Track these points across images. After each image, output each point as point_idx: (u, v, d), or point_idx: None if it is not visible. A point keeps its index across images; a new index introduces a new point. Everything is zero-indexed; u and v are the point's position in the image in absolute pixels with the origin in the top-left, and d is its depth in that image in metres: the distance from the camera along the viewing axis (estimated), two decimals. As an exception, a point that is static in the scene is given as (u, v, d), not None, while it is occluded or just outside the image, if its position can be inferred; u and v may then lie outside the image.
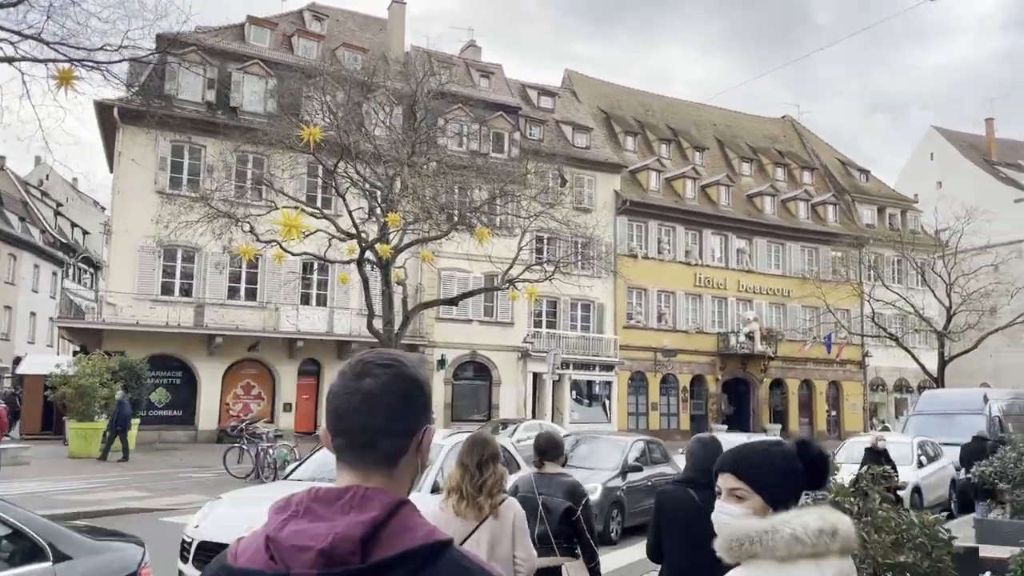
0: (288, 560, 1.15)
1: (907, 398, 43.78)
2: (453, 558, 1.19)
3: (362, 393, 1.27)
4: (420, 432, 1.32)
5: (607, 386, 35.75)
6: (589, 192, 36.27)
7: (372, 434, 1.26)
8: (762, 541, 1.65)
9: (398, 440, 1.28)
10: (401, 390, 1.29)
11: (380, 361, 1.31)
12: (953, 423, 17.24)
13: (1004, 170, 50.01)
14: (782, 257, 41.32)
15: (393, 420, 1.27)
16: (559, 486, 4.26)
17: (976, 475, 7.41)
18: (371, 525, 1.15)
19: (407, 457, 1.29)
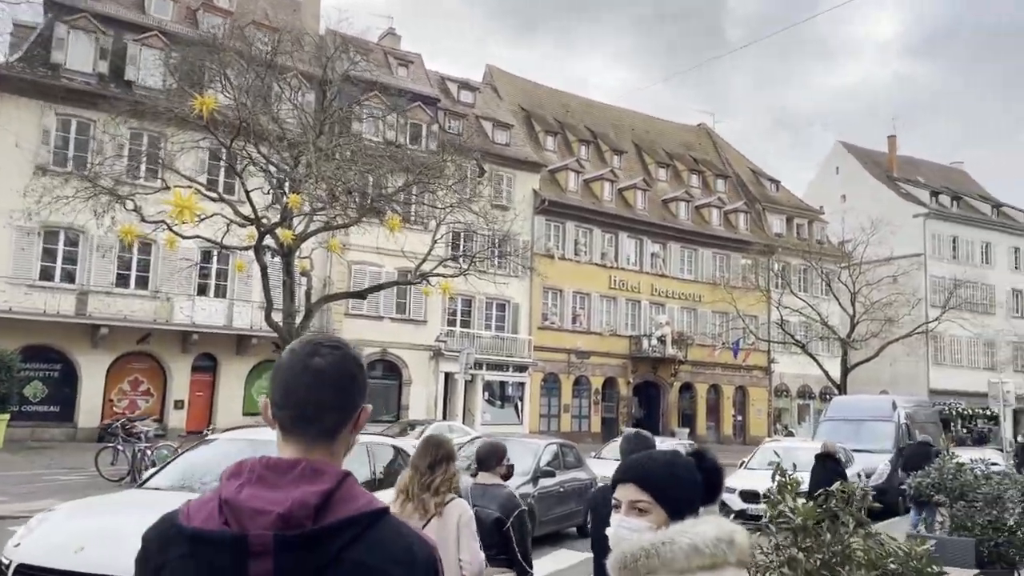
0: (245, 522, 1.25)
1: (809, 404, 44.97)
2: (391, 524, 1.33)
3: (312, 370, 1.39)
4: (358, 410, 1.44)
5: (520, 387, 35.17)
6: (508, 190, 35.62)
7: (319, 408, 1.38)
8: (660, 554, 1.57)
9: (340, 415, 1.40)
10: (347, 370, 1.42)
11: (328, 343, 1.44)
12: (863, 429, 17.30)
13: (904, 186, 52.12)
14: (695, 262, 41.73)
15: (338, 396, 1.40)
16: (493, 497, 4.21)
17: (912, 486, 7.01)
18: (324, 495, 1.27)
19: (345, 432, 1.42)
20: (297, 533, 1.23)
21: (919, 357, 41.54)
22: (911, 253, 44.37)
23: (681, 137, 49.00)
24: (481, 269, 26.42)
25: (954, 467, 6.59)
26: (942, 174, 57.38)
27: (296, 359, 1.40)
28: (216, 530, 1.25)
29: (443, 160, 20.33)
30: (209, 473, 6.39)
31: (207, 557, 1.25)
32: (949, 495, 6.24)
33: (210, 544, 1.25)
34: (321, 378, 1.38)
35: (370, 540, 1.28)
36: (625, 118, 47.20)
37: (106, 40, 27.21)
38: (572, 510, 12.33)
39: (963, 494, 6.19)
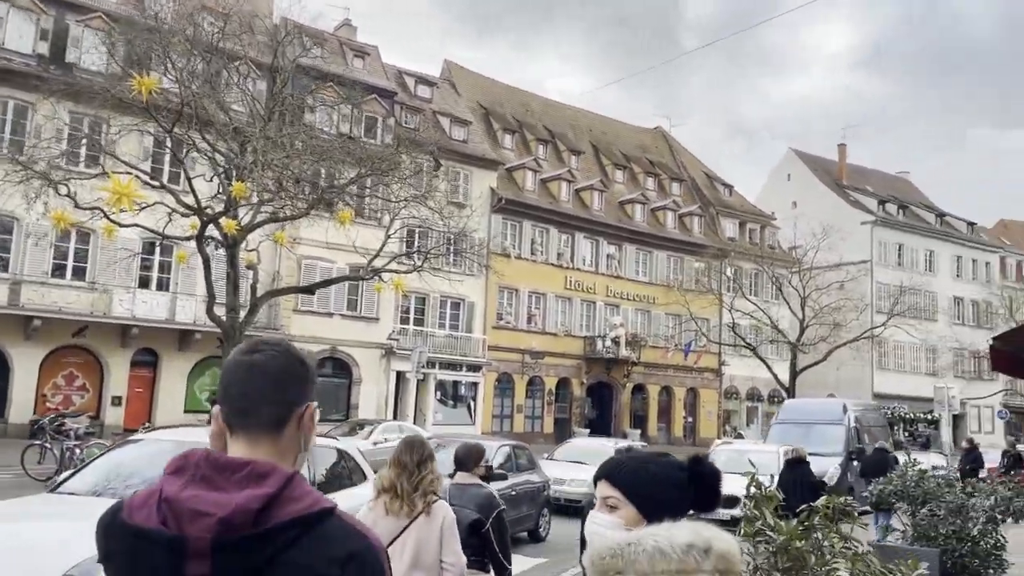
0: (184, 523, 1.25)
1: (758, 406, 45.50)
2: (335, 524, 1.32)
3: (249, 365, 1.42)
4: (301, 407, 1.43)
5: (473, 387, 34.78)
6: (464, 187, 35.19)
7: (253, 400, 1.40)
8: (624, 555, 1.51)
9: (278, 408, 1.40)
10: (283, 364, 1.42)
11: (270, 341, 1.47)
12: (813, 432, 17.32)
13: (853, 194, 53.12)
14: (649, 264, 41.85)
15: (273, 388, 1.40)
16: (472, 498, 4.15)
17: (874, 494, 6.86)
18: (266, 499, 1.26)
19: (289, 429, 1.41)
20: (236, 536, 1.24)
21: (865, 362, 42.29)
22: (859, 260, 45.22)
23: (638, 139, 49.15)
24: (435, 267, 26.01)
25: (917, 474, 6.45)
26: (889, 183, 58.68)
27: (237, 357, 1.45)
28: (155, 528, 1.25)
29: (397, 151, 19.80)
30: (131, 477, 5.90)
31: (145, 554, 1.27)
32: (912, 503, 6.08)
33: (149, 542, 1.26)
34: (256, 372, 1.41)
35: (310, 541, 1.28)
36: (583, 119, 47.16)
37: (47, 20, 26.04)
38: (524, 514, 12.02)
39: (926, 502, 6.04)
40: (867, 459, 12.89)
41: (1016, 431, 50.70)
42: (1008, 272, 56.40)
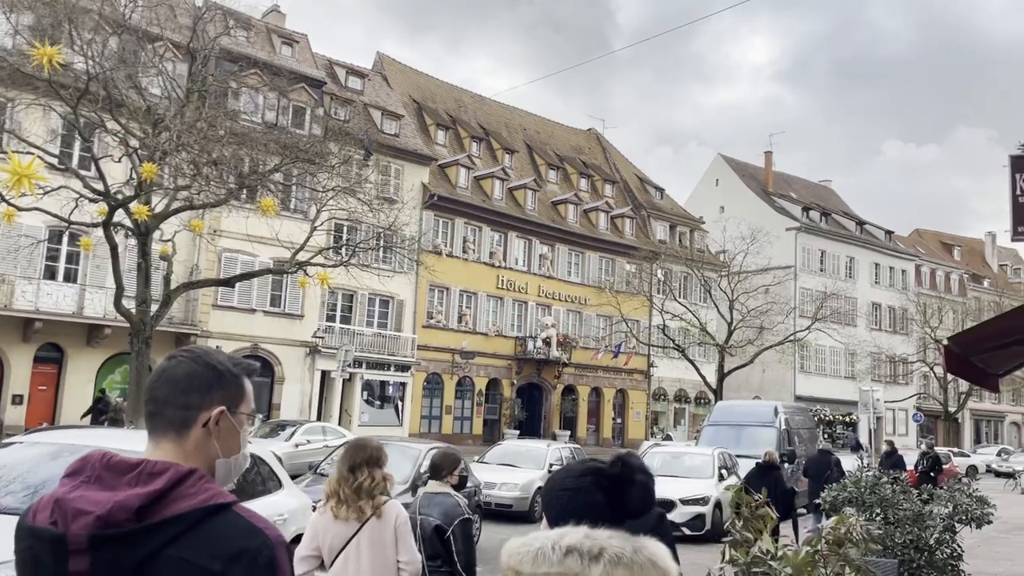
0: (68, 522, 1.29)
1: (685, 408, 45.98)
2: (227, 519, 1.32)
3: (161, 370, 1.49)
4: (209, 411, 1.45)
5: (401, 387, 33.95)
6: (396, 182, 34.33)
7: (160, 403, 1.46)
8: (512, 551, 1.51)
9: (181, 411, 1.44)
10: (191, 369, 1.47)
11: (186, 350, 1.53)
12: (745, 435, 17.27)
13: (779, 200, 54.33)
14: (582, 265, 41.78)
15: (177, 392, 1.45)
16: (436, 505, 4.14)
17: (827, 501, 6.56)
18: (149, 497, 1.29)
19: (195, 432, 1.44)
20: (112, 532, 1.26)
21: (788, 365, 43.19)
22: (783, 265, 46.17)
23: (572, 140, 49.11)
24: (364, 263, 25.12)
25: (871, 480, 6.17)
26: (812, 191, 60.30)
27: (157, 365, 1.52)
28: (44, 528, 1.30)
29: (325, 140, 18.91)
30: (10, 483, 5.10)
31: (37, 552, 1.32)
32: (866, 510, 5.80)
33: (39, 540, 1.31)
34: (164, 376, 1.48)
35: (196, 536, 1.28)
36: (517, 118, 46.82)
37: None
38: (454, 521, 11.41)
39: (883, 510, 5.76)
40: (811, 460, 12.82)
41: (928, 433, 52.67)
42: (923, 280, 58.64)
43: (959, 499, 5.79)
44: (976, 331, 6.52)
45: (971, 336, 6.56)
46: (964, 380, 7.40)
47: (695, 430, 43.89)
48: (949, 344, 6.35)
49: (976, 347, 6.76)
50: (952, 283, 60.50)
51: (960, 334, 6.53)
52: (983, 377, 7.14)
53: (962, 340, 6.49)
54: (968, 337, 6.55)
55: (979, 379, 7.19)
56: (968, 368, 6.66)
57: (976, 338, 6.63)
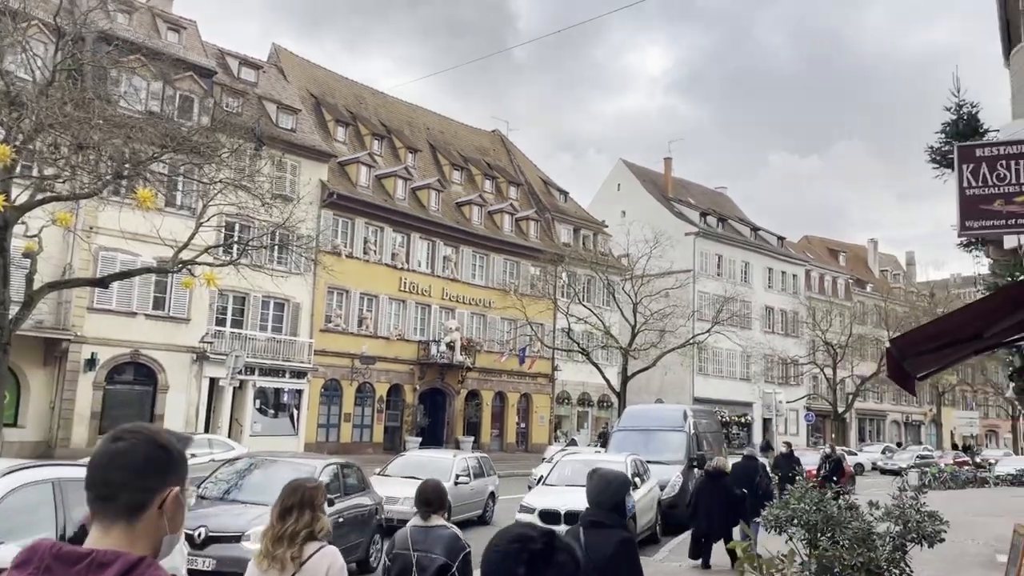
0: None
1: (588, 411, 46.02)
2: None
3: (111, 452, 1.45)
4: (164, 492, 1.46)
5: (297, 395, 32.30)
6: (292, 179, 32.68)
7: (114, 487, 1.43)
8: None
9: (137, 494, 1.43)
10: (145, 451, 1.47)
11: (134, 428, 1.51)
12: (654, 440, 16.93)
13: (678, 206, 55.36)
14: (486, 268, 41.12)
15: (133, 475, 1.44)
16: (437, 540, 3.88)
17: (769, 520, 6.00)
18: None
19: (149, 514, 1.44)
20: None
21: (687, 367, 43.87)
22: (683, 269, 46.92)
23: (476, 141, 48.44)
24: (257, 263, 23.58)
25: (815, 496, 5.65)
26: (709, 197, 61.84)
27: (102, 446, 1.48)
28: None
29: (212, 130, 17.44)
30: None
31: None
32: (810, 530, 5.28)
33: None
34: (118, 460, 1.44)
35: None
36: (420, 116, 45.78)
37: None
38: (352, 543, 10.43)
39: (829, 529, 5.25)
40: (736, 467, 12.58)
41: (817, 432, 54.76)
42: (812, 284, 61.04)
43: (910, 515, 5.37)
44: (912, 334, 6.14)
45: (907, 339, 6.19)
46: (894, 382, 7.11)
47: (597, 433, 44.00)
48: (891, 348, 5.94)
49: (909, 350, 6.41)
50: (839, 287, 63.29)
51: (899, 337, 6.15)
52: (906, 379, 6.81)
53: (899, 343, 6.10)
54: (904, 340, 6.17)
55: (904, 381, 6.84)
56: (897, 370, 6.30)
57: (911, 341, 6.28)
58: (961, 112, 12.89)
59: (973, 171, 5.51)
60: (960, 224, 5.49)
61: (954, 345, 7.43)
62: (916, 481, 30.69)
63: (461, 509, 14.49)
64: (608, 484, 3.61)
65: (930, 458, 42.62)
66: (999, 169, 5.43)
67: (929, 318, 54.21)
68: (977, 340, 7.58)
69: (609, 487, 3.60)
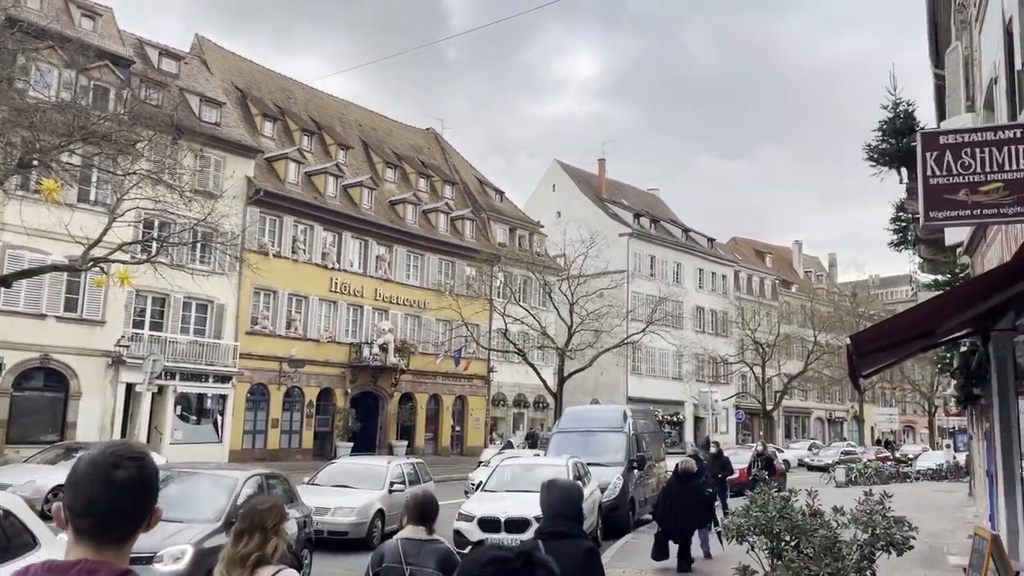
0: None
1: (524, 412, 45.71)
2: None
3: (116, 484, 1.52)
4: (153, 512, 1.58)
5: (221, 400, 30.98)
6: (216, 174, 31.31)
7: (119, 517, 1.53)
8: None
9: (139, 519, 1.56)
10: (148, 480, 1.57)
11: (129, 454, 1.56)
12: (594, 441, 16.61)
13: (612, 207, 55.62)
14: (420, 268, 40.37)
15: (138, 506, 1.55)
16: (430, 554, 3.74)
17: (731, 529, 5.64)
18: None
19: (139, 532, 1.57)
20: None
21: (622, 367, 43.99)
22: (618, 269, 47.08)
23: (410, 139, 47.62)
24: (178, 262, 22.37)
25: (779, 502, 5.30)
26: (642, 199, 62.40)
27: (99, 471, 1.52)
28: None
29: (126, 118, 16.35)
30: None
31: None
32: (774, 539, 4.94)
33: None
34: (124, 491, 1.51)
35: None
36: (352, 113, 44.71)
37: None
38: (278, 561, 9.68)
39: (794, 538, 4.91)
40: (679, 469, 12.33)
41: (747, 430, 55.78)
42: (741, 285, 62.20)
43: (878, 521, 5.08)
44: (870, 331, 5.90)
45: (865, 336, 5.95)
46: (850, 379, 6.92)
47: (525, 435, 43.67)
48: (849, 344, 5.67)
49: (866, 347, 6.18)
50: (766, 288, 64.69)
51: (858, 334, 5.90)
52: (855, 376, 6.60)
53: (857, 340, 5.85)
54: (863, 337, 5.92)
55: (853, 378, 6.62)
56: (852, 367, 6.07)
57: (868, 338, 6.06)
58: (898, 110, 13.05)
59: (937, 159, 5.27)
60: (924, 214, 5.24)
61: (907, 343, 7.27)
62: (843, 477, 31.37)
63: (396, 518, 13.85)
64: (568, 494, 3.57)
65: (853, 454, 43.82)
66: (964, 157, 5.20)
67: (852, 318, 56.05)
68: (927, 337, 7.46)
69: (569, 497, 3.56)
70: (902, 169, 11.90)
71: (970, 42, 10.99)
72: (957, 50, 11.28)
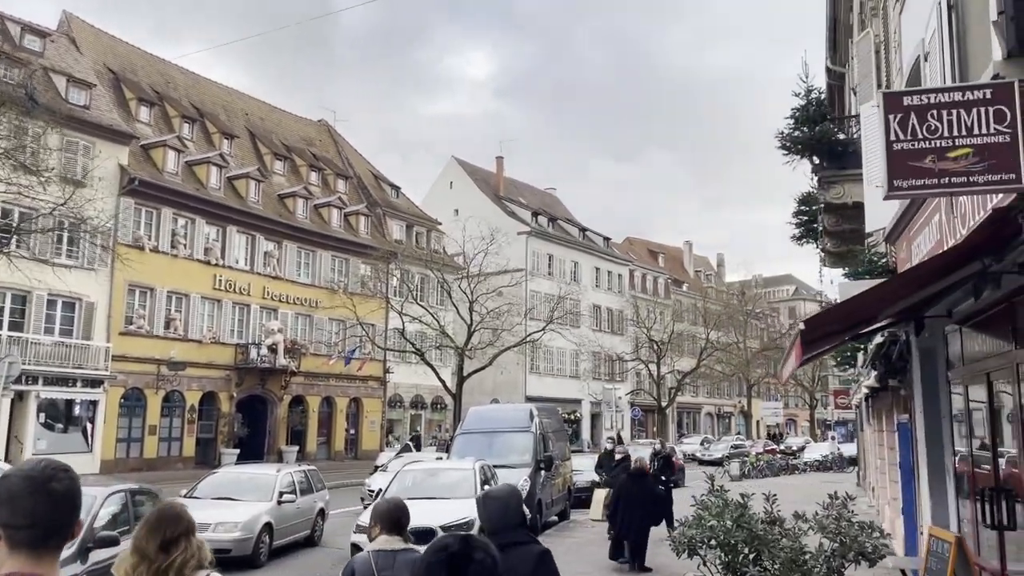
0: None
1: (422, 414, 44.56)
2: None
3: (56, 495, 1.64)
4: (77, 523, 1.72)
5: (92, 406, 28.50)
6: (85, 160, 28.70)
7: (58, 527, 1.64)
8: None
9: (70, 530, 1.67)
10: (79, 491, 1.70)
11: (61, 467, 1.70)
12: (499, 442, 15.88)
13: (510, 205, 55.22)
14: (312, 265, 38.60)
15: (72, 516, 1.68)
16: (406, 565, 3.49)
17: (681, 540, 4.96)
18: None
19: (66, 542, 1.68)
20: None
21: (521, 366, 43.55)
22: (516, 268, 46.66)
23: (300, 131, 45.60)
24: (41, 256, 20.25)
25: (736, 510, 4.66)
26: (539, 198, 62.34)
27: (36, 485, 1.62)
28: None
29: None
30: None
31: None
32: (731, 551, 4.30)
33: None
34: (62, 502, 1.64)
35: None
36: (238, 101, 42.35)
37: None
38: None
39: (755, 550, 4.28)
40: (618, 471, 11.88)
41: (641, 427, 56.57)
42: (636, 283, 63.13)
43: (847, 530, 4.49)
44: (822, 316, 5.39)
45: (817, 320, 5.43)
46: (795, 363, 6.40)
47: (431, 436, 42.64)
48: (803, 328, 5.12)
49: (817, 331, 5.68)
50: (659, 287, 65.97)
51: (812, 318, 5.37)
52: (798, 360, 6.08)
53: (811, 323, 5.32)
54: (816, 321, 5.40)
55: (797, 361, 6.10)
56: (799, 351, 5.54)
57: (820, 322, 5.55)
58: (810, 97, 12.94)
59: (901, 122, 4.77)
60: (887, 183, 4.73)
61: (848, 329, 6.84)
62: (737, 471, 32.00)
63: (286, 531, 12.66)
64: (507, 504, 3.50)
65: (742, 447, 45.06)
66: (930, 120, 4.72)
67: (741, 316, 57.83)
68: (867, 323, 7.07)
69: (509, 506, 3.49)
70: (814, 157, 11.75)
71: (884, 27, 10.88)
72: (868, 37, 11.18)
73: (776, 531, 4.39)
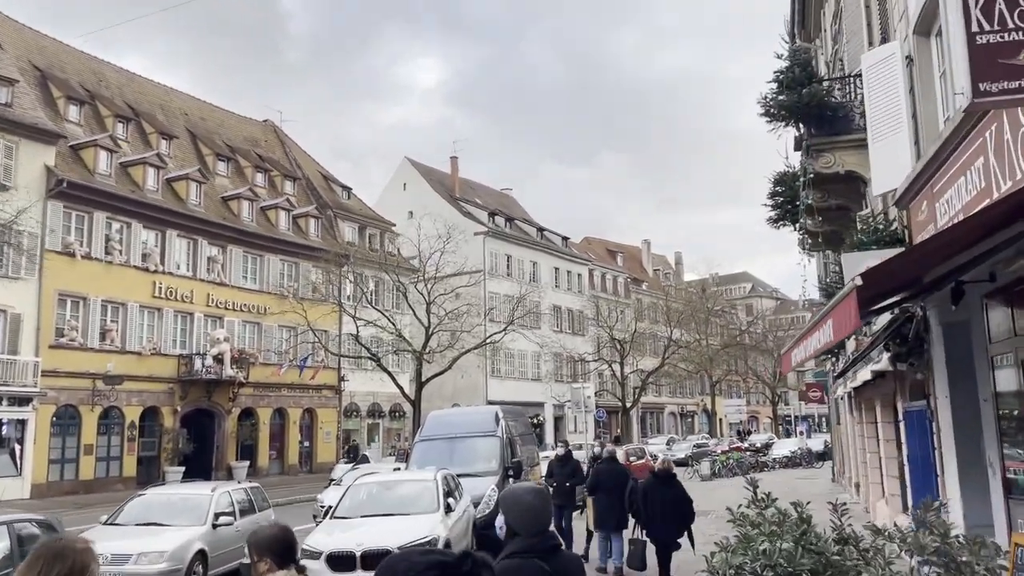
0: None
1: (379, 423, 42.93)
2: None
3: None
4: None
5: (20, 426, 26.42)
6: (8, 163, 26.70)
7: None
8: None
9: None
10: None
11: None
12: (461, 448, 14.57)
13: (466, 206, 53.91)
14: (260, 270, 36.77)
15: None
16: None
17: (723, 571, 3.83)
18: None
19: None
20: None
21: (482, 369, 42.24)
22: (474, 269, 45.35)
23: (244, 131, 43.66)
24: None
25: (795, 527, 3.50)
26: (495, 198, 61.17)
27: None
28: None
29: None
30: None
31: None
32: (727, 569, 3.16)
33: None
34: None
35: None
36: (176, 100, 40.32)
37: None
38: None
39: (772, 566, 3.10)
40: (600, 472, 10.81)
41: (605, 428, 55.56)
42: (595, 283, 62.28)
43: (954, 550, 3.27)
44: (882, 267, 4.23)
45: (876, 274, 4.26)
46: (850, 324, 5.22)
47: (390, 445, 41.03)
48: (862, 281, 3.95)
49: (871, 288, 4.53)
50: (619, 286, 65.24)
51: (870, 270, 4.21)
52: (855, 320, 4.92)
53: (868, 277, 4.15)
54: (874, 275, 4.23)
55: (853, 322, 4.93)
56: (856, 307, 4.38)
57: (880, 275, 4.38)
58: (796, 58, 11.96)
59: (985, 9, 3.66)
60: (972, 88, 3.61)
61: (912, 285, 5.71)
62: (708, 471, 31.09)
63: (223, 558, 11.16)
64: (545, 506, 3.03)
65: (705, 446, 44.29)
66: (1021, 5, 3.61)
67: (703, 313, 57.28)
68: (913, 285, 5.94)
69: (546, 509, 3.02)
70: (800, 125, 10.75)
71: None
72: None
73: (855, 554, 3.23)
